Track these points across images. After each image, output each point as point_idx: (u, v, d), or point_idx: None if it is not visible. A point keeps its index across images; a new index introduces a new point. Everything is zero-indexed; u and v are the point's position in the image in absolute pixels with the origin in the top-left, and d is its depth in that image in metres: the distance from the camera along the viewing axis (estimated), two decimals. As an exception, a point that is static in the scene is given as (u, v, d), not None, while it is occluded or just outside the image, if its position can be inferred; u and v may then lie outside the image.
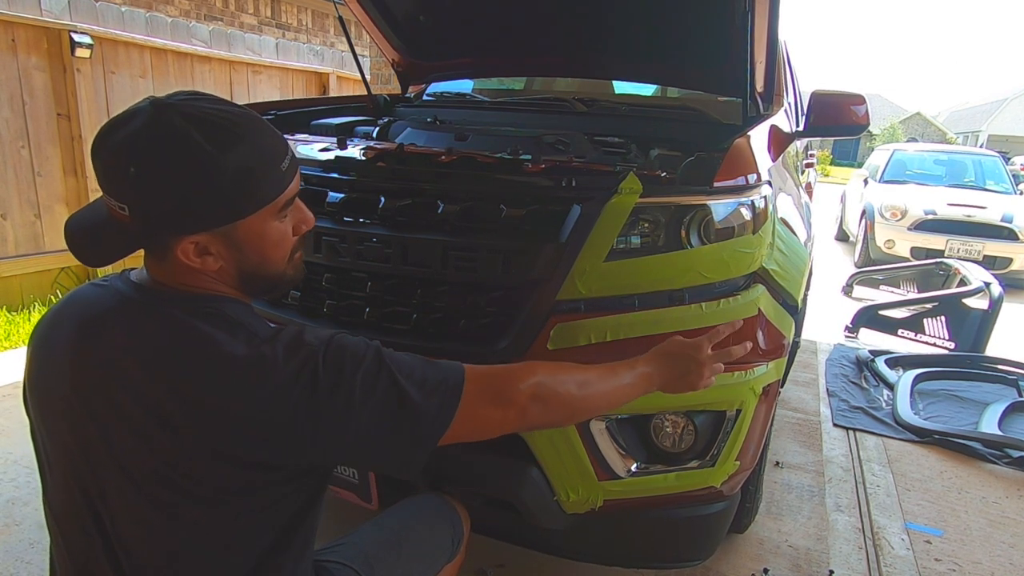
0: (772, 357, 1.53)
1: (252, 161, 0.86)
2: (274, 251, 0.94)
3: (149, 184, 0.82)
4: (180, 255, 0.86)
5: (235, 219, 0.87)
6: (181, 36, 4.91)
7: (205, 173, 0.82)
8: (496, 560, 1.96)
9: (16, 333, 3.64)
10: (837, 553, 2.13)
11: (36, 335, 0.96)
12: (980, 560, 2.13)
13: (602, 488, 1.43)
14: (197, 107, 0.84)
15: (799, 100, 3.31)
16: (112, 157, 0.83)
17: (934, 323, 4.32)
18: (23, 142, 3.94)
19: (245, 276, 0.93)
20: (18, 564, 1.87)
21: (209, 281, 0.91)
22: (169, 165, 0.81)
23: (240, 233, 0.88)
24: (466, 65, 2.71)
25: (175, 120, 0.82)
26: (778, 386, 1.61)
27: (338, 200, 1.58)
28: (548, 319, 1.37)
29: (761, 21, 1.77)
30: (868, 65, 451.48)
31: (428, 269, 1.47)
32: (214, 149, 0.82)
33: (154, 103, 0.83)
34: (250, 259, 0.91)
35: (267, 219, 0.90)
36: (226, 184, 0.83)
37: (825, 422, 3.14)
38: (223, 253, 0.88)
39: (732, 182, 1.44)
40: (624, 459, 1.44)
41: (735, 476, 1.52)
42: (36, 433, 0.98)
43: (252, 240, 0.90)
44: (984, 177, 8.24)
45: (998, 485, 2.63)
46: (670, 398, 1.40)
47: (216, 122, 0.83)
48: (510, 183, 1.51)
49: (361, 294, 1.55)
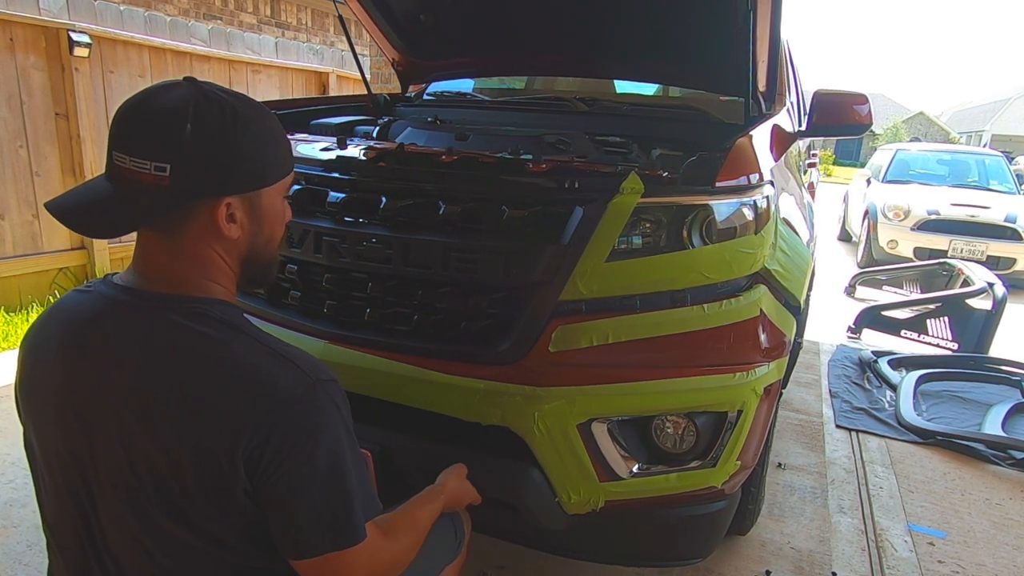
0: (773, 357, 1.52)
1: (275, 136, 0.95)
2: (279, 230, 0.99)
3: (203, 142, 0.85)
4: (217, 217, 0.88)
5: (263, 184, 0.92)
6: (180, 35, 4.90)
7: (250, 136, 0.89)
8: (497, 562, 1.95)
9: (14, 334, 3.63)
10: (840, 555, 2.12)
11: (26, 342, 0.95)
12: (984, 562, 2.13)
13: (603, 489, 1.42)
14: (227, 89, 0.92)
15: (801, 99, 3.30)
16: (160, 118, 0.85)
17: (937, 324, 4.30)
18: (21, 142, 3.92)
19: (252, 254, 0.95)
20: (16, 566, 1.86)
21: (210, 265, 0.91)
22: (221, 125, 0.86)
23: (263, 202, 0.93)
24: (467, 64, 2.70)
25: (219, 92, 0.89)
26: (779, 386, 1.61)
27: (338, 200, 1.58)
28: (549, 321, 1.37)
29: (763, 20, 1.77)
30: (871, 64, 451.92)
31: (428, 270, 1.46)
32: (254, 116, 0.90)
33: (189, 79, 0.90)
34: (263, 233, 0.95)
35: (280, 193, 0.97)
36: (262, 150, 0.91)
37: (828, 423, 3.13)
38: (244, 222, 0.92)
39: (734, 182, 1.43)
40: (625, 460, 1.43)
41: (736, 475, 1.52)
42: (28, 440, 0.97)
43: (269, 213, 0.95)
44: (987, 177, 8.23)
45: (1001, 487, 2.62)
46: (672, 399, 1.41)
47: (246, 99, 0.92)
48: (512, 184, 1.51)
49: (361, 295, 1.54)
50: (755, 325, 1.45)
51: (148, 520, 0.86)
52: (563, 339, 1.37)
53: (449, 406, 1.44)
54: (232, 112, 0.87)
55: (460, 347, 1.44)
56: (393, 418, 1.50)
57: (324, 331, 1.56)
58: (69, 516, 0.90)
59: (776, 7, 1.78)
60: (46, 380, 0.90)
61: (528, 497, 1.41)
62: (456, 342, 1.45)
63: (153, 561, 0.88)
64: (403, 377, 1.46)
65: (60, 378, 0.88)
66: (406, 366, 1.46)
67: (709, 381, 1.42)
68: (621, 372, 1.39)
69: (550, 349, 1.37)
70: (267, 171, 0.93)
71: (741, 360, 1.45)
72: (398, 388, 1.48)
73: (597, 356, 1.37)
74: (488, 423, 1.40)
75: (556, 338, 1.37)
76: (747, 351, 1.46)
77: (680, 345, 1.40)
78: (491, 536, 1.65)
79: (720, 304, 1.40)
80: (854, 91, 2.20)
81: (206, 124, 0.85)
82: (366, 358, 1.49)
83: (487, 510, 1.49)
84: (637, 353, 1.39)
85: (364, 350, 1.50)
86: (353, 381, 1.49)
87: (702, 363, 1.42)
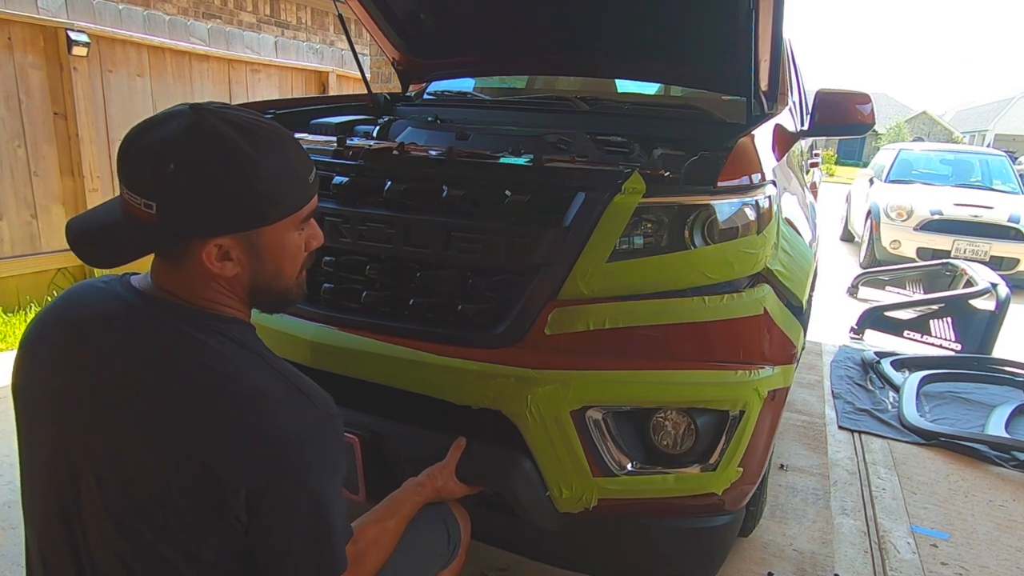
0: (779, 361, 1.50)
1: (285, 169, 0.88)
2: (289, 264, 0.94)
3: (186, 181, 0.82)
4: (204, 258, 0.85)
5: (262, 224, 0.87)
6: (179, 34, 4.89)
7: (242, 174, 0.84)
8: (498, 564, 1.94)
9: (12, 335, 3.61)
10: (842, 557, 2.11)
11: (29, 332, 0.94)
12: (987, 564, 2.12)
13: (596, 485, 1.40)
14: (235, 114, 0.86)
15: (804, 99, 3.29)
16: (148, 154, 0.82)
17: (940, 324, 4.28)
18: (19, 141, 3.91)
19: (256, 288, 0.93)
20: (14, 568, 1.86)
21: (217, 293, 0.90)
22: (209, 164, 0.82)
23: (264, 240, 0.89)
24: (467, 64, 2.69)
25: (216, 123, 0.83)
26: (786, 394, 1.58)
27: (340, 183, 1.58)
28: (546, 304, 1.36)
29: (765, 19, 1.75)
30: (874, 64, 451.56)
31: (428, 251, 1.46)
32: (253, 152, 0.84)
33: (193, 107, 0.84)
34: (267, 269, 0.91)
35: (289, 229, 0.91)
36: (260, 188, 0.85)
37: (830, 424, 3.12)
38: (243, 260, 0.88)
39: (736, 182, 1.42)
40: (620, 456, 1.42)
41: (738, 485, 1.48)
42: (21, 434, 0.96)
43: (272, 249, 0.90)
44: (991, 177, 8.21)
45: (1005, 488, 2.61)
46: (668, 391, 1.39)
47: (254, 129, 0.86)
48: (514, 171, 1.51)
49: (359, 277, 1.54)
50: (758, 323, 1.43)
51: (130, 530, 0.85)
52: (559, 322, 1.36)
53: (441, 388, 1.42)
54: (225, 147, 0.83)
55: (456, 330, 1.43)
56: (385, 404, 1.49)
57: (318, 313, 1.55)
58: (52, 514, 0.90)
59: (778, 6, 1.77)
60: (46, 369, 0.89)
61: (518, 488, 1.38)
62: (452, 325, 1.45)
63: (128, 570, 0.87)
64: (397, 359, 1.44)
65: (62, 369, 0.88)
66: (400, 348, 1.44)
67: (709, 376, 1.39)
68: (618, 360, 1.38)
69: (546, 332, 1.36)
70: (268, 209, 0.87)
71: (742, 358, 1.43)
72: (392, 371, 1.46)
73: (594, 341, 1.36)
74: (480, 406, 1.38)
75: (552, 321, 1.36)
76: (749, 349, 1.44)
77: (679, 335, 1.38)
78: (482, 542, 1.63)
79: (722, 298, 1.38)
80: (857, 90, 2.19)
81: (191, 162, 0.81)
82: (360, 340, 1.48)
83: (479, 513, 1.48)
84: (635, 340, 1.37)
85: (358, 332, 1.49)
86: (346, 364, 1.50)
87: (701, 356, 1.40)
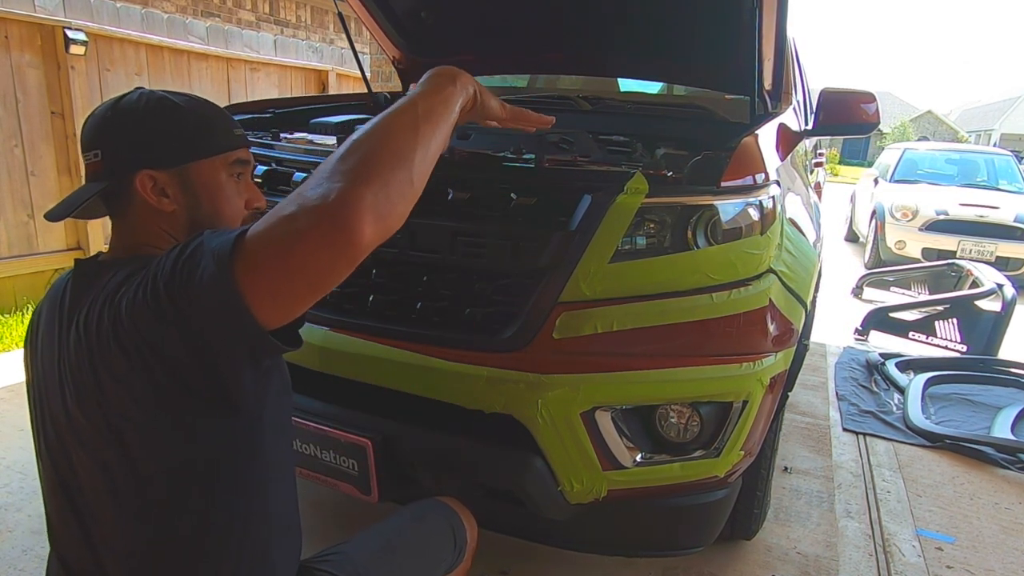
0: (781, 347, 1.51)
1: (209, 115, 1.03)
2: (226, 206, 1.03)
3: (120, 124, 0.97)
4: (140, 189, 0.95)
5: (190, 159, 0.99)
6: (177, 33, 4.87)
7: (171, 115, 0.99)
8: (499, 566, 1.93)
9: (9, 336, 3.60)
10: (847, 560, 2.09)
11: (31, 324, 1.04)
12: (992, 567, 2.10)
13: (606, 478, 1.43)
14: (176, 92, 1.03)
15: (808, 98, 3.28)
16: (95, 118, 0.99)
17: (946, 325, 4.26)
18: (16, 141, 3.89)
19: (195, 228, 0.98)
20: (11, 571, 1.85)
21: (159, 237, 0.99)
22: (140, 110, 0.98)
23: (193, 177, 0.99)
24: (468, 62, 2.65)
25: (157, 92, 1.01)
26: (785, 376, 1.60)
27: None
28: (554, 308, 1.37)
29: (769, 17, 1.75)
30: (879, 62, 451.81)
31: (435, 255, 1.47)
32: (181, 102, 1.00)
33: (139, 88, 1.02)
34: (202, 207, 1.00)
35: (218, 169, 1.01)
36: (187, 125, 0.99)
37: (834, 426, 3.10)
38: (178, 197, 0.98)
39: (740, 182, 1.42)
40: (629, 450, 1.44)
41: (739, 464, 1.52)
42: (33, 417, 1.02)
43: (206, 187, 1.00)
44: (997, 177, 8.19)
45: (1011, 491, 2.59)
46: (676, 388, 1.41)
47: (189, 95, 1.03)
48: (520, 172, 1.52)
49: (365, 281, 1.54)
50: (763, 314, 1.44)
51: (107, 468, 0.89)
52: (567, 326, 1.37)
53: (452, 394, 1.44)
54: (153, 99, 0.98)
55: (463, 334, 1.45)
56: (396, 407, 1.51)
57: (326, 318, 1.55)
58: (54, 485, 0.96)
59: (782, 4, 1.77)
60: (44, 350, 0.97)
61: (530, 486, 1.41)
62: (460, 329, 1.46)
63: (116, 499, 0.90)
64: (406, 365, 1.46)
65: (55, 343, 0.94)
66: (409, 353, 1.46)
67: (715, 371, 1.42)
68: (625, 360, 1.39)
69: (554, 336, 1.37)
70: (194, 143, 0.99)
71: (748, 350, 1.44)
72: (401, 376, 1.48)
73: (601, 344, 1.37)
74: (491, 411, 1.40)
75: (560, 325, 1.37)
76: (755, 341, 1.45)
77: (686, 334, 1.40)
78: (490, 531, 1.64)
79: (728, 293, 1.39)
80: (861, 89, 2.19)
81: (126, 111, 0.97)
82: (369, 345, 1.50)
83: (486, 502, 1.52)
84: (642, 341, 1.39)
85: (367, 337, 1.51)
86: (356, 368, 1.53)
87: (708, 352, 1.42)
